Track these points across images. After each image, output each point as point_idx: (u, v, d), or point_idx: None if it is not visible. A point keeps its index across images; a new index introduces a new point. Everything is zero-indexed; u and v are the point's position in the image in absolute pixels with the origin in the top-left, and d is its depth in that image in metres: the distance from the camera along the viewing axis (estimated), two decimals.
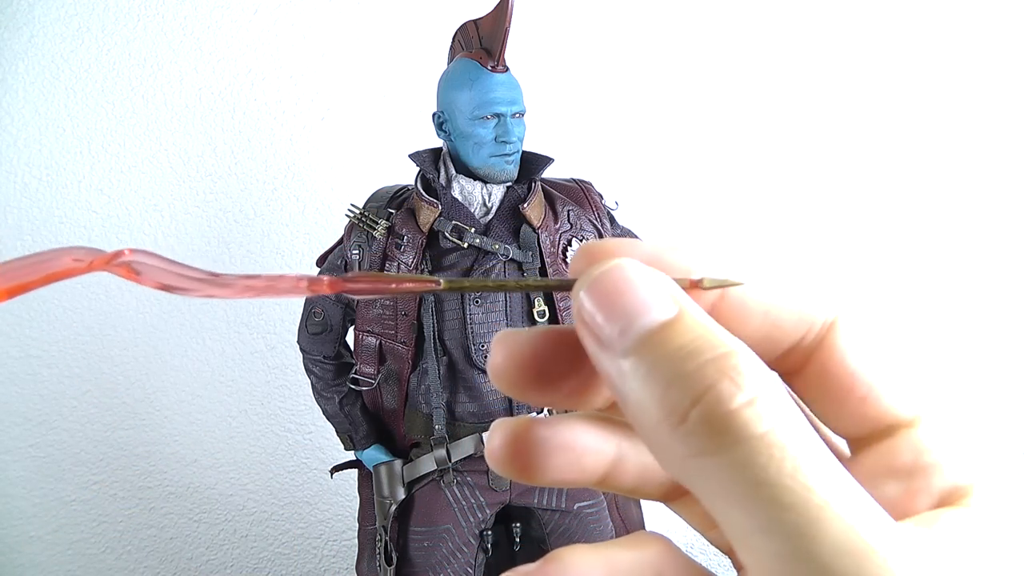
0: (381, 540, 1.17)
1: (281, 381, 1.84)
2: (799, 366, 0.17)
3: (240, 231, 1.76)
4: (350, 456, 1.29)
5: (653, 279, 0.15)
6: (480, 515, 1.15)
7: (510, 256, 1.07)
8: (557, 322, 1.10)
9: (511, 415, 0.52)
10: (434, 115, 1.11)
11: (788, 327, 0.16)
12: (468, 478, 1.14)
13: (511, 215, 1.10)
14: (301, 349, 1.22)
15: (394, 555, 1.16)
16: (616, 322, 0.14)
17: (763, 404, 0.13)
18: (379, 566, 1.18)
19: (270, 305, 1.80)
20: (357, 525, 1.28)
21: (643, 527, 1.27)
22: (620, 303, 0.14)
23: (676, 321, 0.14)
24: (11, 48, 1.64)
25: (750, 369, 0.13)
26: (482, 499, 1.14)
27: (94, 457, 1.82)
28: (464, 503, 1.14)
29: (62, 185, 1.71)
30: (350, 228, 1.14)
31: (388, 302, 1.11)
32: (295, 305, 1.22)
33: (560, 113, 1.66)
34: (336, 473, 1.29)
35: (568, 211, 1.12)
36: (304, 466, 1.88)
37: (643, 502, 1.26)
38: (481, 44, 1.05)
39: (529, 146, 1.12)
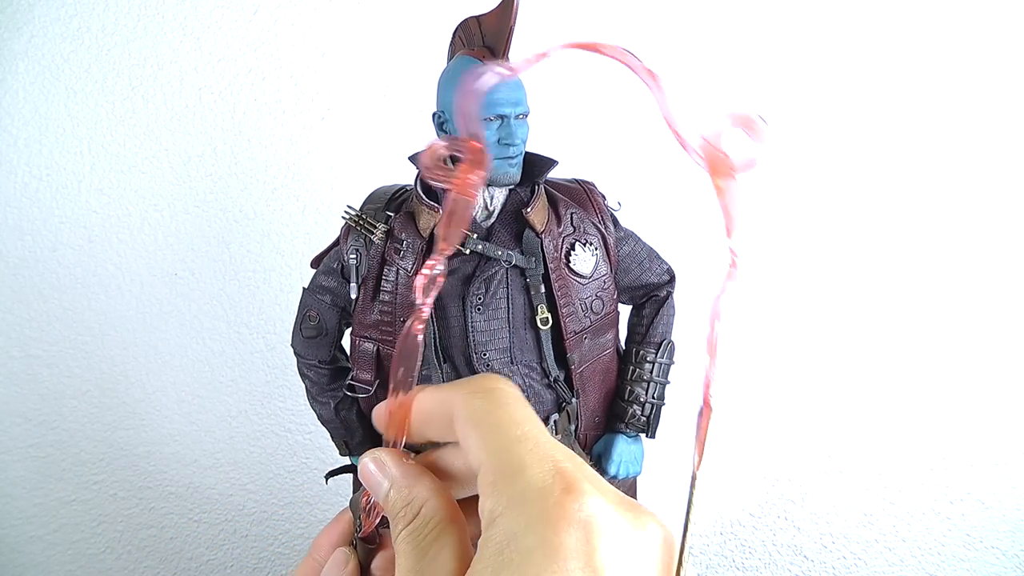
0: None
1: (281, 381, 1.83)
2: None
3: (240, 231, 1.76)
4: (345, 461, 1.27)
5: (390, 463, 0.29)
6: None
7: (512, 262, 1.03)
8: (560, 329, 1.07)
9: None
10: (434, 115, 1.06)
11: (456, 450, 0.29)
12: None
13: (514, 219, 1.06)
14: (295, 353, 1.18)
15: None
16: (376, 485, 0.29)
17: (410, 524, 0.26)
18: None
19: (270, 305, 1.79)
20: None
21: None
22: (378, 474, 0.29)
23: (391, 485, 0.28)
24: (11, 48, 1.63)
25: (410, 509, 0.27)
26: None
27: (94, 457, 1.82)
28: None
29: (62, 185, 1.70)
30: (347, 230, 1.10)
31: (387, 308, 1.07)
32: (295, 305, 1.20)
33: (562, 113, 1.64)
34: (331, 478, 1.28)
35: (571, 214, 1.08)
36: (304, 466, 1.87)
37: (638, 493, 1.25)
38: (484, 42, 1.00)
39: (531, 147, 1.08)
